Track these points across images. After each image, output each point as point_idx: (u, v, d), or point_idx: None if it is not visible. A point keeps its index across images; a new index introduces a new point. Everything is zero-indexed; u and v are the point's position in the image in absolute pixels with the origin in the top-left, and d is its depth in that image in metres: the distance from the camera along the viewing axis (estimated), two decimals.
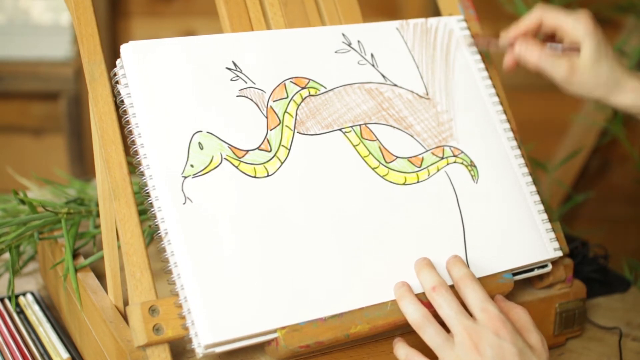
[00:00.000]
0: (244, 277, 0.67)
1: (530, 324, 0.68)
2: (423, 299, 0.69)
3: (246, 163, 0.71)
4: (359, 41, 0.81)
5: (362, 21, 0.85)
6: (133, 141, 0.69)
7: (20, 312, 0.87)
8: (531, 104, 1.92)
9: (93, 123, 0.71)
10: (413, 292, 0.70)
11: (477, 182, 0.79)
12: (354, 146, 0.76)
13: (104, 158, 0.69)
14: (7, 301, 0.88)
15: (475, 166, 0.79)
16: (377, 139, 0.77)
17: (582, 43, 0.80)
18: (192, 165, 0.69)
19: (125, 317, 0.72)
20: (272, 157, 0.72)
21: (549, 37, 0.84)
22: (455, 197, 0.77)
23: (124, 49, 0.71)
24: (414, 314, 0.68)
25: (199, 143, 0.70)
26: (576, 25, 0.80)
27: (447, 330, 0.67)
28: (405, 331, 0.74)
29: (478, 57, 0.85)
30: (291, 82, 0.76)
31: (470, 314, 0.67)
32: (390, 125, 0.78)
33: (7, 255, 0.95)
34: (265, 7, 0.81)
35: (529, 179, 0.81)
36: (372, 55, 0.81)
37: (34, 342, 0.81)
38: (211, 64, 0.73)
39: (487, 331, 0.64)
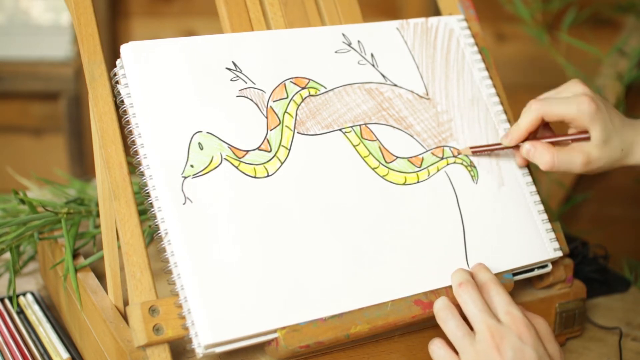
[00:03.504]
0: (244, 277, 0.67)
1: (550, 334, 0.68)
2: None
3: (246, 163, 0.71)
4: (359, 41, 0.81)
5: (362, 21, 0.85)
6: (133, 141, 0.69)
7: (20, 312, 0.87)
8: None
9: (93, 123, 0.71)
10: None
11: (477, 183, 0.79)
12: (354, 146, 0.76)
13: (104, 158, 0.69)
14: (7, 301, 0.88)
15: (475, 166, 0.79)
16: (377, 139, 0.77)
17: (589, 129, 0.76)
18: (192, 166, 0.69)
19: (125, 317, 0.72)
20: (272, 157, 0.72)
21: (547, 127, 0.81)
22: (455, 197, 0.77)
23: (124, 49, 0.71)
24: (439, 303, 0.69)
25: (199, 143, 0.70)
26: (580, 113, 0.76)
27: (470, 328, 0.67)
28: (405, 331, 0.74)
29: (478, 57, 0.85)
30: (291, 82, 0.76)
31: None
32: (390, 126, 0.78)
33: (7, 255, 0.95)
34: (265, 7, 0.81)
35: (529, 179, 0.81)
36: (372, 55, 0.81)
37: (34, 342, 0.81)
38: (211, 64, 0.73)
39: (510, 333, 0.65)
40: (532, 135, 0.79)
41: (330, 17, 0.84)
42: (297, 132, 0.74)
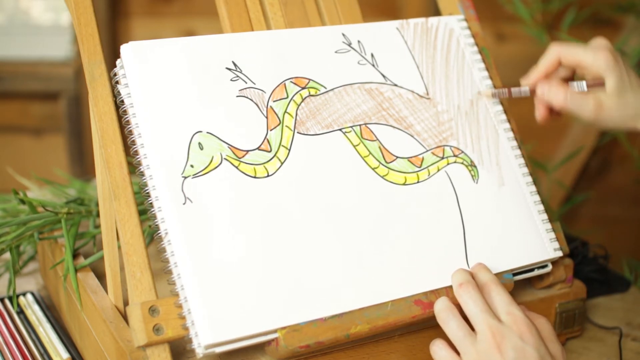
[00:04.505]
0: (244, 277, 0.67)
1: (553, 334, 0.68)
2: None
3: (246, 163, 0.71)
4: (359, 41, 0.81)
5: (362, 21, 0.85)
6: (133, 141, 0.69)
7: (20, 312, 0.87)
8: (531, 104, 1.92)
9: (93, 123, 0.71)
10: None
11: (477, 182, 0.79)
12: (354, 146, 0.76)
13: (104, 158, 0.69)
14: (7, 301, 0.88)
15: (475, 166, 0.79)
16: (377, 139, 0.77)
17: (605, 77, 0.77)
18: (192, 166, 0.69)
19: (125, 317, 0.72)
20: (272, 157, 0.72)
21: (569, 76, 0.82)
22: (456, 197, 0.77)
23: (124, 49, 0.71)
24: (439, 304, 0.69)
25: (199, 143, 0.70)
26: (596, 60, 0.77)
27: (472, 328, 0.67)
28: (405, 331, 0.74)
29: (478, 57, 0.85)
30: (291, 82, 0.76)
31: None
32: (391, 125, 0.78)
33: (7, 255, 0.95)
34: (265, 7, 0.81)
35: (529, 179, 0.81)
36: (372, 55, 0.81)
37: (34, 342, 0.81)
38: (211, 64, 0.73)
39: (511, 333, 0.65)
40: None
41: (330, 17, 0.84)
42: (297, 132, 0.74)
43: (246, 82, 0.74)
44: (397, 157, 0.77)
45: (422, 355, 0.75)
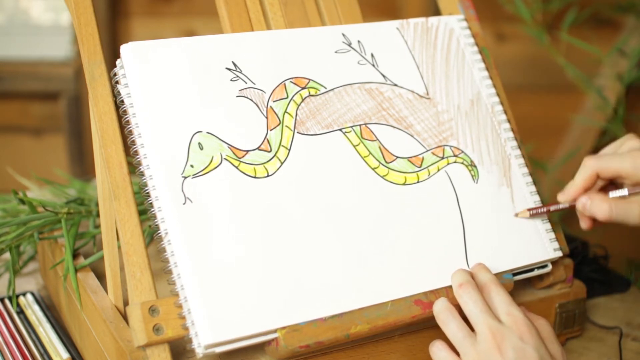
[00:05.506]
0: (244, 277, 0.67)
1: (552, 335, 0.68)
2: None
3: (246, 163, 0.71)
4: (359, 41, 0.81)
5: (362, 21, 0.85)
6: (133, 141, 0.69)
7: (20, 312, 0.87)
8: (531, 104, 1.93)
9: (93, 123, 0.71)
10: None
11: (477, 182, 0.79)
12: (354, 146, 0.76)
13: (104, 158, 0.69)
14: (7, 301, 0.88)
15: (475, 166, 0.79)
16: (377, 139, 0.77)
17: None
18: (192, 166, 0.69)
19: (125, 317, 0.72)
20: (272, 158, 0.72)
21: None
22: (456, 197, 0.77)
23: (124, 49, 0.71)
24: (438, 305, 0.69)
25: (199, 143, 0.70)
26: (636, 168, 0.73)
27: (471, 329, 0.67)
28: (405, 331, 0.74)
29: (478, 57, 0.85)
30: (291, 82, 0.76)
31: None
32: (391, 125, 0.78)
33: (7, 255, 0.95)
34: (265, 7, 0.81)
35: (529, 179, 0.81)
36: (372, 55, 0.81)
37: (34, 342, 0.81)
38: (211, 64, 0.73)
39: (511, 333, 0.65)
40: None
41: (330, 17, 0.84)
42: (297, 132, 0.74)
43: (246, 82, 0.74)
44: (397, 157, 0.77)
45: (422, 355, 0.75)
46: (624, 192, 0.74)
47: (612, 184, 0.77)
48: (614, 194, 0.74)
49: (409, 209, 0.75)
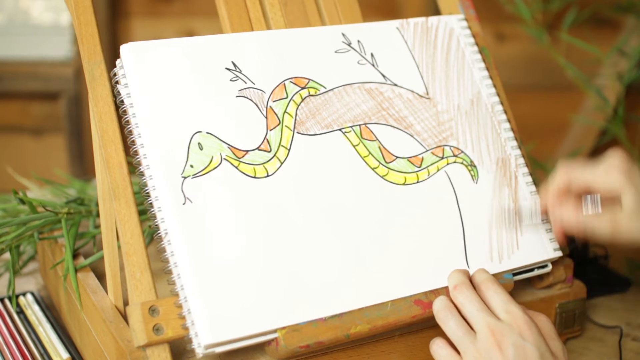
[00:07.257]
0: (244, 277, 0.67)
1: (553, 331, 0.68)
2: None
3: (246, 163, 0.71)
4: (359, 41, 0.81)
5: (362, 21, 0.85)
6: (133, 141, 0.69)
7: (20, 312, 0.87)
8: (531, 104, 1.93)
9: (93, 123, 0.71)
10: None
11: (477, 182, 0.79)
12: (354, 146, 0.76)
13: (104, 158, 0.69)
14: (7, 301, 0.88)
15: (475, 166, 0.79)
16: (377, 139, 0.77)
17: (620, 196, 0.71)
18: (191, 166, 0.69)
19: (125, 317, 0.72)
20: (272, 158, 0.72)
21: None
22: (455, 197, 0.77)
23: (124, 49, 0.71)
24: (437, 303, 0.69)
25: (199, 143, 0.70)
26: (608, 179, 0.71)
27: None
28: (405, 331, 0.74)
29: (478, 56, 0.85)
30: (291, 82, 0.76)
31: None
32: (390, 125, 0.78)
33: (7, 255, 0.95)
34: (265, 7, 0.81)
35: (529, 179, 0.81)
36: (372, 55, 0.81)
37: (34, 342, 0.81)
38: (211, 64, 0.73)
39: (511, 330, 0.65)
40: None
41: (330, 17, 0.84)
42: (297, 132, 0.74)
43: (246, 82, 0.74)
44: (396, 157, 0.77)
45: (422, 355, 0.75)
46: (597, 198, 0.73)
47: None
48: (587, 199, 0.73)
49: (408, 209, 0.75)
